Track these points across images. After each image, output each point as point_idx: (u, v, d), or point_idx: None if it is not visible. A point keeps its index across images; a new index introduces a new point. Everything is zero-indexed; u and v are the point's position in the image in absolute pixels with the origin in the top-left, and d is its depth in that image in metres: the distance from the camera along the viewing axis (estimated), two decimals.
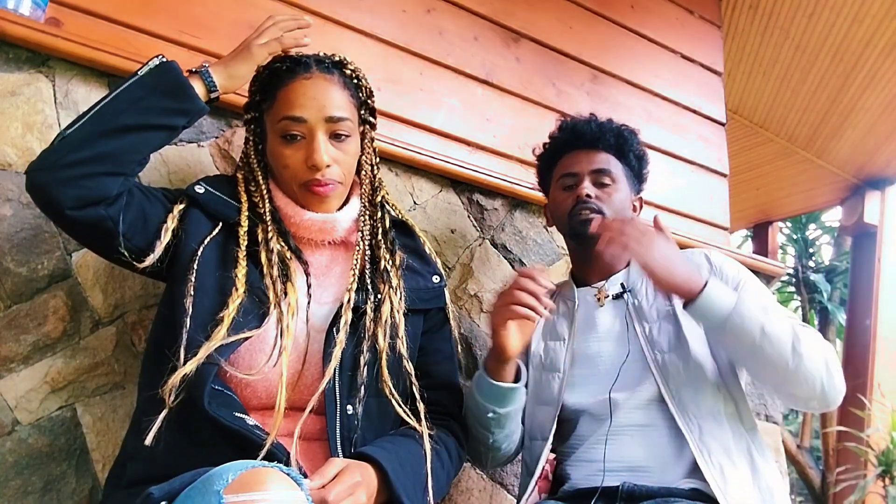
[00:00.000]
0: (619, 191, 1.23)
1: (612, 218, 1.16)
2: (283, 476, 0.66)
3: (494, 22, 1.75)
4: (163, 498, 0.67)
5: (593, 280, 1.26)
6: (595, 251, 1.12)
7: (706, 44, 2.23)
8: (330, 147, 1.01)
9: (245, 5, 1.35)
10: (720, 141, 2.16)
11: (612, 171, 1.23)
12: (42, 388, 1.05)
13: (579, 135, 1.26)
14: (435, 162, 1.49)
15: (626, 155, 1.27)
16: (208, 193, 0.99)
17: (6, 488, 0.99)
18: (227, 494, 0.61)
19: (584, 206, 1.19)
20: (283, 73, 1.03)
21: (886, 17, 2.61)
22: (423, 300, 1.09)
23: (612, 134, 1.25)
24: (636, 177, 1.31)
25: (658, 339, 1.13)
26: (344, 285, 1.02)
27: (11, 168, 1.07)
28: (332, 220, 1.04)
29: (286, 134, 1.00)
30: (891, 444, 3.53)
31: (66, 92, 1.13)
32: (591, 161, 1.24)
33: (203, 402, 0.81)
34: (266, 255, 0.96)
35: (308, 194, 1.01)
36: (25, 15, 1.09)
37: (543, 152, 1.35)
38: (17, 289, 1.05)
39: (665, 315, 1.15)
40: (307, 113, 0.99)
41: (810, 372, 0.97)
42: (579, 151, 1.26)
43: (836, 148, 3.61)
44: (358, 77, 1.08)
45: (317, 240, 1.05)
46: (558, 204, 1.26)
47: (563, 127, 1.32)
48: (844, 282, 5.76)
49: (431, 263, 1.16)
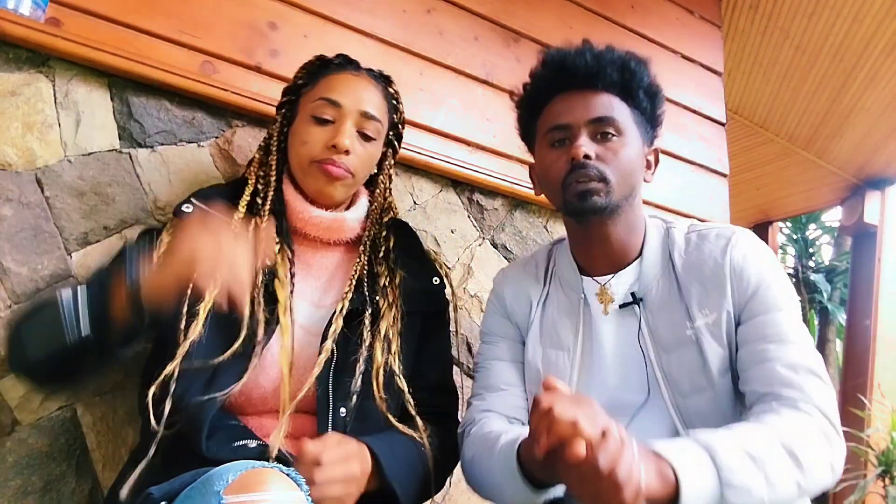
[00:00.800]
0: (628, 144, 0.94)
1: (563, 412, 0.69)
2: (283, 476, 0.66)
3: (494, 22, 1.74)
4: (163, 498, 0.67)
5: (597, 270, 1.00)
6: (599, 231, 0.94)
7: (706, 44, 2.22)
8: (355, 140, 1.02)
9: (245, 5, 1.35)
10: (720, 141, 2.16)
11: (616, 118, 0.93)
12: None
13: (570, 72, 0.96)
14: (435, 162, 1.49)
15: (634, 94, 0.97)
16: (198, 212, 0.96)
17: (6, 488, 0.99)
18: (226, 495, 0.61)
19: (580, 171, 0.91)
20: (332, 65, 1.07)
21: (886, 18, 2.61)
22: (422, 302, 1.09)
23: (615, 67, 0.95)
24: (649, 121, 1.00)
25: (679, 377, 0.90)
26: (339, 290, 1.02)
27: (11, 168, 1.07)
28: (340, 219, 1.04)
29: (317, 115, 1.02)
30: (891, 444, 3.52)
31: (66, 92, 1.13)
32: (587, 107, 0.94)
33: (201, 448, 0.80)
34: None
35: (318, 172, 1.01)
36: (25, 15, 1.09)
37: (524, 96, 1.04)
38: (17, 289, 1.05)
39: (686, 341, 0.91)
40: (344, 100, 1.02)
41: (818, 488, 0.78)
42: (571, 94, 0.96)
43: (836, 148, 3.61)
44: (397, 99, 1.13)
45: (324, 239, 1.04)
46: (547, 167, 0.96)
47: (547, 61, 0.99)
48: (844, 282, 5.76)
49: (430, 265, 1.15)
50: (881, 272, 3.94)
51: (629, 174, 0.93)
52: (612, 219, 0.95)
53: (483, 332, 1.12)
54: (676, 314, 0.92)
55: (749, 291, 0.89)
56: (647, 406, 0.92)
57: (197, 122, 1.25)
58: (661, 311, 0.94)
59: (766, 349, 0.85)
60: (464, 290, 1.52)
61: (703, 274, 0.92)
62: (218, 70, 1.30)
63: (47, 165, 1.10)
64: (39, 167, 1.09)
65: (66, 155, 1.12)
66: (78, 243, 1.11)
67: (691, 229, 0.99)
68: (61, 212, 1.10)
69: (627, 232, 0.97)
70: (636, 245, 0.98)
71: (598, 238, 0.97)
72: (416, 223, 1.49)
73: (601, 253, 0.98)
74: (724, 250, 0.92)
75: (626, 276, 0.98)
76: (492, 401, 1.01)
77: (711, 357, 0.88)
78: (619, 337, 0.96)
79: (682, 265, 0.95)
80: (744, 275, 0.90)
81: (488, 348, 1.08)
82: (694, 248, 0.95)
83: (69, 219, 1.11)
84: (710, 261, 0.92)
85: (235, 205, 0.99)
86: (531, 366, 1.01)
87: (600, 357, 0.97)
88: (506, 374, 1.03)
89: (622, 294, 0.97)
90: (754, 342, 0.87)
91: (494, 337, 1.08)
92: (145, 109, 1.20)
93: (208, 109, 1.27)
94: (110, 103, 1.18)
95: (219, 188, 1.07)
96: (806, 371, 0.82)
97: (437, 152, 1.51)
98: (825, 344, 6.28)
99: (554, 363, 0.98)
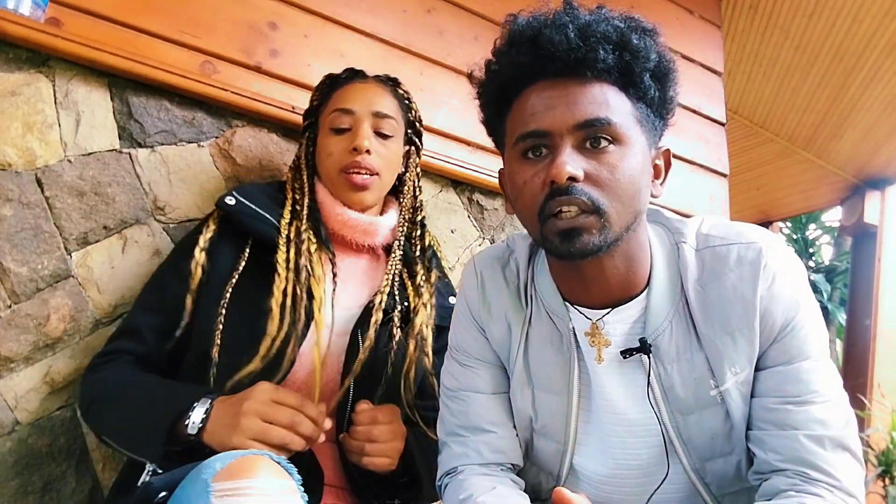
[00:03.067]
0: (628, 155, 0.69)
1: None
2: (273, 464, 0.66)
3: (494, 22, 1.74)
4: (163, 488, 0.67)
5: (588, 300, 0.77)
6: (591, 271, 0.73)
7: (706, 44, 2.22)
8: (373, 139, 1.06)
9: (245, 5, 1.35)
10: (720, 141, 2.15)
11: (612, 120, 0.68)
12: (42, 388, 1.05)
13: (547, 55, 0.68)
14: (435, 162, 1.49)
15: (637, 80, 0.70)
16: (240, 205, 1.00)
17: (6, 488, 0.99)
18: (214, 482, 0.61)
19: (563, 198, 0.67)
20: (341, 79, 1.12)
21: (886, 18, 2.61)
22: (443, 318, 1.11)
23: (611, 45, 0.68)
24: (657, 113, 0.74)
25: (700, 442, 0.73)
26: (369, 294, 1.04)
27: (11, 168, 1.07)
28: (375, 223, 1.07)
29: (335, 126, 1.06)
30: (891, 444, 3.52)
31: (66, 92, 1.13)
32: (572, 105, 0.68)
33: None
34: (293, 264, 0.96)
35: (346, 182, 1.04)
36: (25, 15, 1.09)
37: (486, 82, 0.77)
38: (17, 289, 1.05)
39: (709, 402, 0.72)
40: (356, 106, 1.06)
41: None
42: (550, 84, 0.70)
43: (836, 148, 3.61)
44: (409, 99, 1.16)
45: (358, 241, 1.07)
46: (519, 189, 0.71)
47: (514, 36, 0.72)
48: (844, 282, 5.76)
49: (448, 283, 1.19)
50: (881, 272, 3.93)
51: (631, 197, 0.69)
52: (610, 254, 0.72)
53: (455, 348, 0.89)
54: (697, 370, 0.72)
55: (774, 334, 0.71)
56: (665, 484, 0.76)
57: (197, 122, 1.25)
58: (677, 364, 0.73)
59: (787, 411, 0.69)
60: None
61: (728, 319, 0.72)
62: (218, 70, 1.30)
63: (47, 165, 1.10)
64: (39, 167, 1.09)
65: (66, 155, 1.12)
66: (78, 243, 1.11)
67: (704, 243, 0.76)
68: (61, 212, 1.10)
69: (628, 265, 0.74)
70: (640, 276, 0.75)
71: (590, 275, 0.74)
72: None
73: (594, 289, 0.76)
74: (753, 283, 0.71)
75: (626, 314, 0.75)
76: (475, 445, 0.82)
77: (738, 420, 0.72)
78: (623, 390, 0.76)
79: (698, 303, 0.73)
80: (771, 313, 0.71)
81: (464, 372, 0.87)
82: (710, 275, 0.73)
83: (69, 219, 1.11)
84: (736, 300, 0.71)
85: (276, 205, 1.03)
86: (521, 411, 0.82)
87: (600, 408, 0.78)
88: (490, 412, 0.84)
89: (622, 336, 0.75)
90: (772, 397, 0.71)
91: (471, 359, 0.87)
92: (145, 109, 1.20)
93: (208, 109, 1.27)
94: (110, 103, 1.18)
95: (260, 186, 1.10)
96: (834, 446, 0.67)
97: (437, 152, 1.51)
98: None
99: (546, 406, 0.80)
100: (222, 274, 0.96)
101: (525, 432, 0.82)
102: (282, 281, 0.94)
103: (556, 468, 0.82)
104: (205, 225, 1.01)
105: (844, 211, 4.21)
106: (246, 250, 0.98)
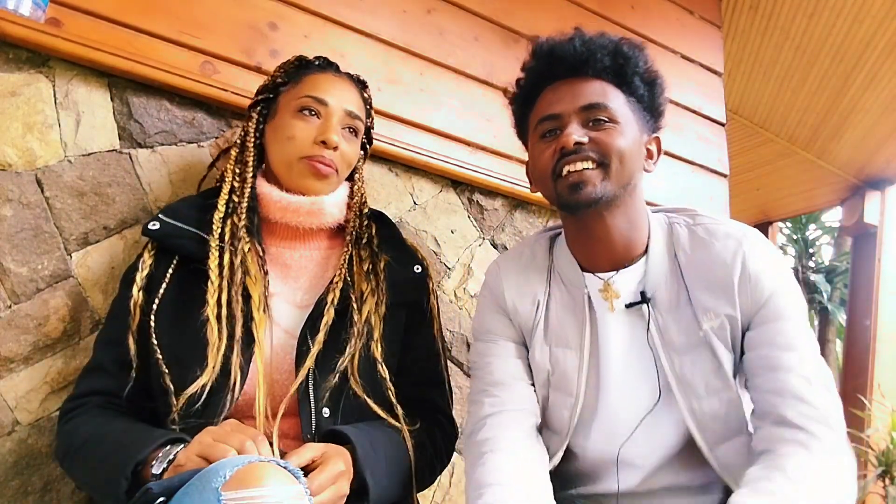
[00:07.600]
0: (623, 133, 0.88)
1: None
2: (281, 470, 0.66)
3: (494, 22, 1.74)
4: (161, 493, 0.66)
5: (598, 266, 0.95)
6: (599, 226, 0.90)
7: (706, 44, 2.22)
8: (341, 136, 1.05)
9: (245, 5, 1.35)
10: (720, 141, 2.16)
11: (609, 105, 0.88)
12: (42, 388, 1.05)
13: (559, 60, 0.92)
14: (435, 162, 1.49)
15: (629, 80, 0.92)
16: (164, 227, 0.97)
17: (6, 488, 0.99)
18: (225, 491, 0.61)
19: (572, 157, 0.86)
20: (313, 66, 1.10)
21: (886, 18, 2.61)
22: (405, 292, 1.07)
23: (607, 52, 0.91)
24: (648, 110, 0.95)
25: (693, 379, 0.88)
26: (319, 289, 1.01)
27: (11, 168, 1.07)
28: (318, 202, 1.04)
29: (305, 108, 1.03)
30: (891, 444, 3.52)
31: (66, 92, 1.13)
32: (577, 94, 0.90)
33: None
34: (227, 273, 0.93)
35: (306, 168, 1.02)
36: (25, 15, 1.09)
37: (516, 92, 1.01)
38: (17, 289, 1.05)
39: (698, 342, 0.88)
40: (331, 98, 1.04)
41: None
42: (561, 83, 0.92)
43: (836, 148, 3.61)
44: (370, 104, 1.16)
45: (304, 226, 1.03)
46: (537, 159, 0.93)
47: (536, 52, 0.96)
48: (844, 282, 5.76)
49: (411, 253, 1.13)
50: (881, 272, 3.93)
51: (627, 159, 0.87)
52: (611, 211, 0.90)
53: (478, 330, 1.05)
54: (686, 316, 0.89)
55: (762, 299, 0.86)
56: (658, 408, 0.90)
57: (197, 122, 1.25)
58: (671, 312, 0.90)
59: (777, 356, 0.83)
60: (464, 290, 1.52)
61: (710, 277, 0.89)
62: (218, 70, 1.30)
63: (47, 165, 1.10)
64: (39, 167, 1.09)
65: (66, 155, 1.12)
66: (78, 243, 1.11)
67: (697, 221, 0.94)
68: (61, 212, 1.10)
69: (629, 226, 0.92)
70: (640, 241, 0.93)
71: (597, 233, 0.91)
72: (416, 223, 1.49)
73: (602, 249, 0.93)
74: (734, 255, 0.88)
75: (630, 274, 0.92)
76: (501, 396, 0.96)
77: (724, 359, 0.87)
78: (628, 336, 0.93)
79: (686, 263, 0.91)
80: (757, 283, 0.87)
81: (487, 346, 1.02)
82: (699, 245, 0.91)
83: (69, 219, 1.11)
84: (718, 264, 0.88)
85: (205, 215, 0.99)
86: (539, 367, 0.97)
87: (608, 356, 0.93)
88: (511, 369, 0.99)
89: (628, 292, 0.92)
90: (764, 348, 0.85)
91: (493, 336, 1.02)
92: (145, 109, 1.20)
93: (208, 109, 1.27)
94: (110, 103, 1.18)
95: (188, 201, 1.05)
96: (819, 384, 0.81)
97: (437, 152, 1.51)
98: (825, 344, 6.28)
99: (562, 362, 0.95)
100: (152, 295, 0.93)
101: (543, 389, 0.97)
102: (215, 288, 0.91)
103: (566, 428, 0.95)
104: (140, 259, 0.97)
105: (844, 211, 4.21)
106: (170, 270, 0.95)
